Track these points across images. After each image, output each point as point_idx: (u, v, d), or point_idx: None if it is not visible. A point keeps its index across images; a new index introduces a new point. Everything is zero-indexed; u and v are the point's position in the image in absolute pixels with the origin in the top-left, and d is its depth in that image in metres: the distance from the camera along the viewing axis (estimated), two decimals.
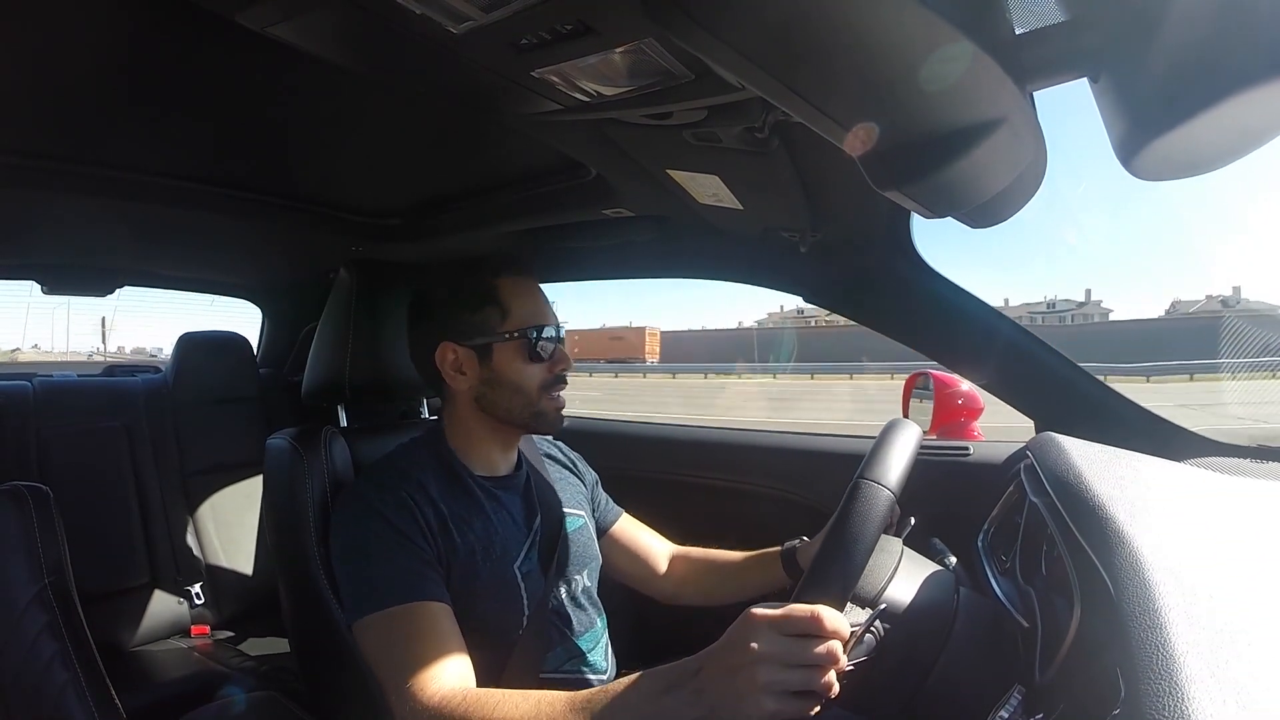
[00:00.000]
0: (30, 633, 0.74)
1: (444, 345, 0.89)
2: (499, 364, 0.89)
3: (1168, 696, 0.37)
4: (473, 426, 0.92)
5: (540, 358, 0.89)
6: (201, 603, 1.63)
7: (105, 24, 0.68)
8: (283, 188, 1.20)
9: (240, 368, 1.87)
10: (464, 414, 0.92)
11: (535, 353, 0.89)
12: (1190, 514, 0.66)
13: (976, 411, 1.31)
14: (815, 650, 0.54)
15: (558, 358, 0.91)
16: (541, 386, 0.89)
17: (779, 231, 1.13)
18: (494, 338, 0.88)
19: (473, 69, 0.64)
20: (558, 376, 0.91)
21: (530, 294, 0.92)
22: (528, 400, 0.89)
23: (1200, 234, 47.97)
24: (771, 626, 0.54)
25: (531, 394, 0.89)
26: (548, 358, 0.90)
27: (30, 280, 1.77)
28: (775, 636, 0.54)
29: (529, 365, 0.89)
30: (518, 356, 0.88)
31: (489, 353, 0.88)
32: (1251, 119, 0.43)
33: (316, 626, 0.88)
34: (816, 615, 0.54)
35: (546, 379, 0.90)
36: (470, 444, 0.92)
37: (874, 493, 0.66)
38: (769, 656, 0.53)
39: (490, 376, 0.89)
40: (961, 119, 0.48)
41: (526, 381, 0.89)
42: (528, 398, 0.89)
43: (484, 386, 0.89)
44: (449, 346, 0.89)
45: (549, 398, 0.90)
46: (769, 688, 0.53)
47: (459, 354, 0.89)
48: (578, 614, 0.93)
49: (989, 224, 0.65)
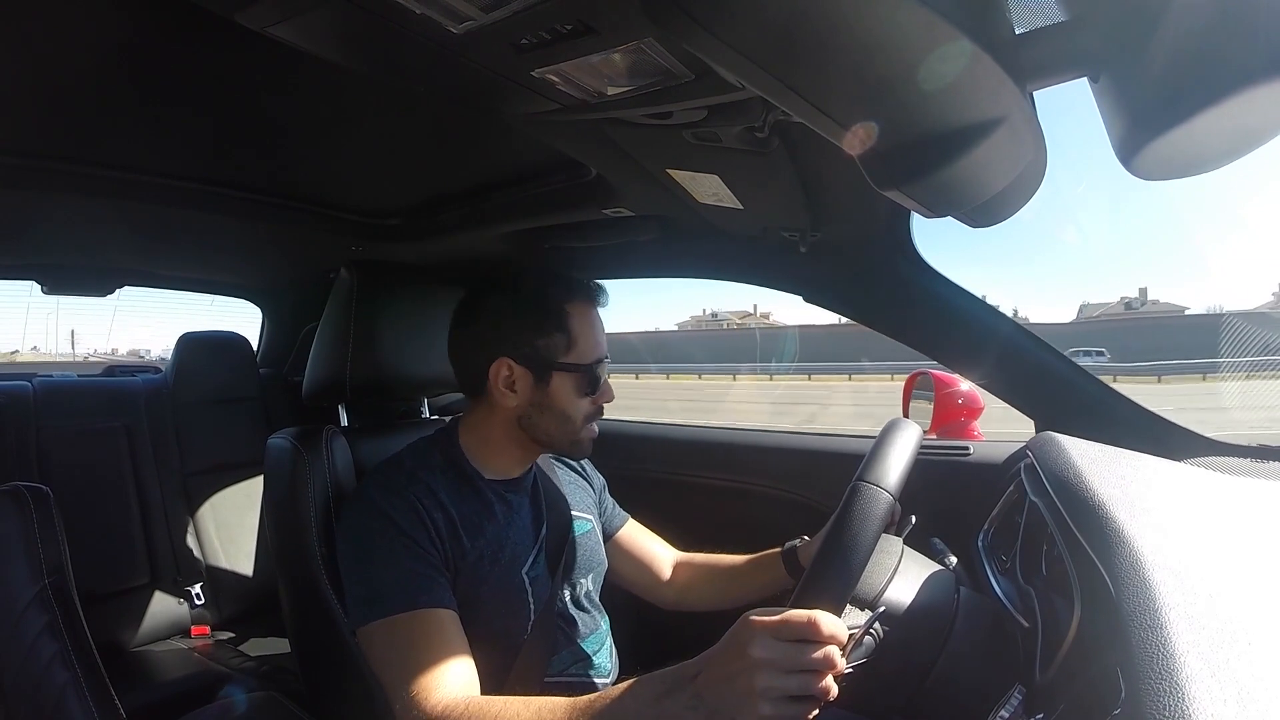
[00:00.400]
0: (30, 633, 0.74)
1: (501, 360, 0.87)
2: (555, 391, 0.87)
3: (1168, 696, 0.37)
4: (500, 437, 0.91)
5: (594, 392, 0.89)
6: (201, 603, 1.63)
7: (105, 24, 0.68)
8: (283, 188, 1.20)
9: (240, 368, 1.87)
10: (497, 425, 0.90)
11: (593, 387, 0.88)
12: (1190, 514, 0.66)
13: (976, 411, 1.31)
14: (812, 655, 0.54)
15: (604, 390, 0.91)
16: (586, 418, 0.89)
17: (779, 231, 1.13)
18: (556, 367, 0.87)
19: (473, 69, 0.64)
20: (599, 408, 0.91)
21: (594, 325, 0.90)
22: (572, 430, 0.89)
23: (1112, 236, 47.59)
24: (769, 631, 0.54)
25: (577, 424, 0.89)
26: (599, 391, 0.90)
27: (30, 280, 1.78)
28: (773, 642, 0.54)
29: (582, 399, 0.88)
30: (575, 389, 0.87)
31: (547, 378, 0.87)
32: (1252, 118, 0.43)
33: (317, 627, 0.88)
34: (814, 620, 0.54)
35: (591, 411, 0.90)
36: (489, 450, 0.91)
37: (872, 495, 0.66)
38: (766, 662, 0.53)
39: (542, 401, 0.87)
40: (961, 119, 0.48)
41: (576, 413, 0.88)
42: (572, 427, 0.89)
43: (532, 409, 0.88)
44: (506, 362, 0.87)
45: (589, 428, 0.90)
46: (766, 693, 0.53)
47: (514, 372, 0.87)
48: (582, 617, 0.93)
49: (989, 223, 0.65)
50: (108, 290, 1.88)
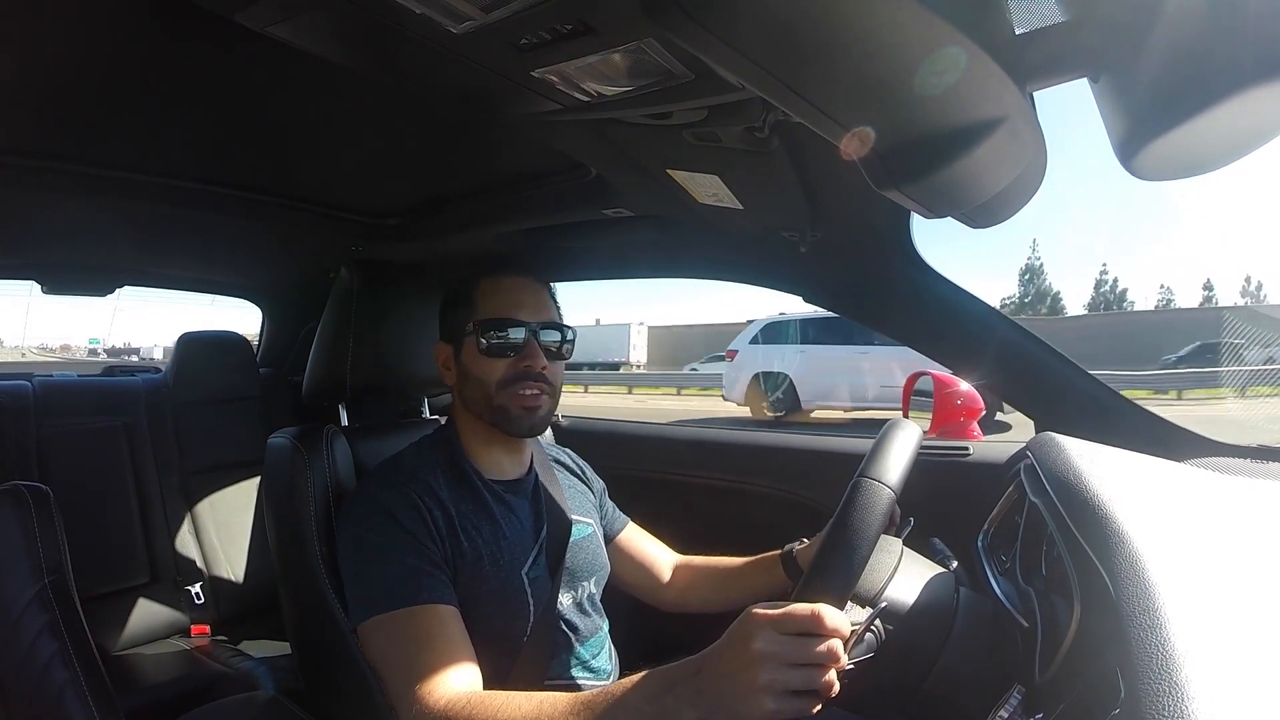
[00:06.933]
0: (30, 632, 0.74)
1: (439, 344, 0.96)
2: (465, 359, 0.92)
3: (1168, 696, 0.37)
4: (472, 425, 0.93)
5: (497, 354, 0.88)
6: (201, 603, 1.63)
7: (105, 24, 0.68)
8: (283, 188, 1.20)
9: (240, 367, 1.87)
10: (460, 412, 0.95)
11: (491, 348, 0.88)
12: (1190, 514, 0.66)
13: (976, 411, 1.31)
14: (816, 649, 0.54)
15: (525, 354, 0.89)
16: (500, 383, 0.88)
17: (779, 231, 1.13)
18: (464, 334, 0.91)
19: (473, 69, 0.64)
20: (519, 373, 0.88)
21: (502, 291, 0.91)
22: (487, 393, 0.89)
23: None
24: (772, 625, 0.54)
25: (489, 388, 0.88)
26: (511, 354, 0.89)
27: (30, 280, 1.77)
28: (775, 635, 0.54)
29: (487, 360, 0.89)
30: (480, 350, 0.89)
31: (460, 347, 0.92)
32: (1252, 119, 0.43)
33: (317, 626, 0.87)
34: (817, 614, 0.54)
35: (506, 375, 0.88)
36: (477, 445, 0.93)
37: (875, 490, 0.66)
38: (769, 655, 0.53)
39: (463, 371, 0.92)
40: (961, 119, 0.48)
41: (485, 376, 0.89)
42: (487, 391, 0.89)
43: (461, 381, 0.93)
44: (440, 345, 0.96)
45: (510, 394, 0.88)
46: (769, 687, 0.52)
47: (445, 352, 0.95)
48: (583, 620, 0.93)
49: (989, 224, 0.65)
50: (108, 290, 1.87)
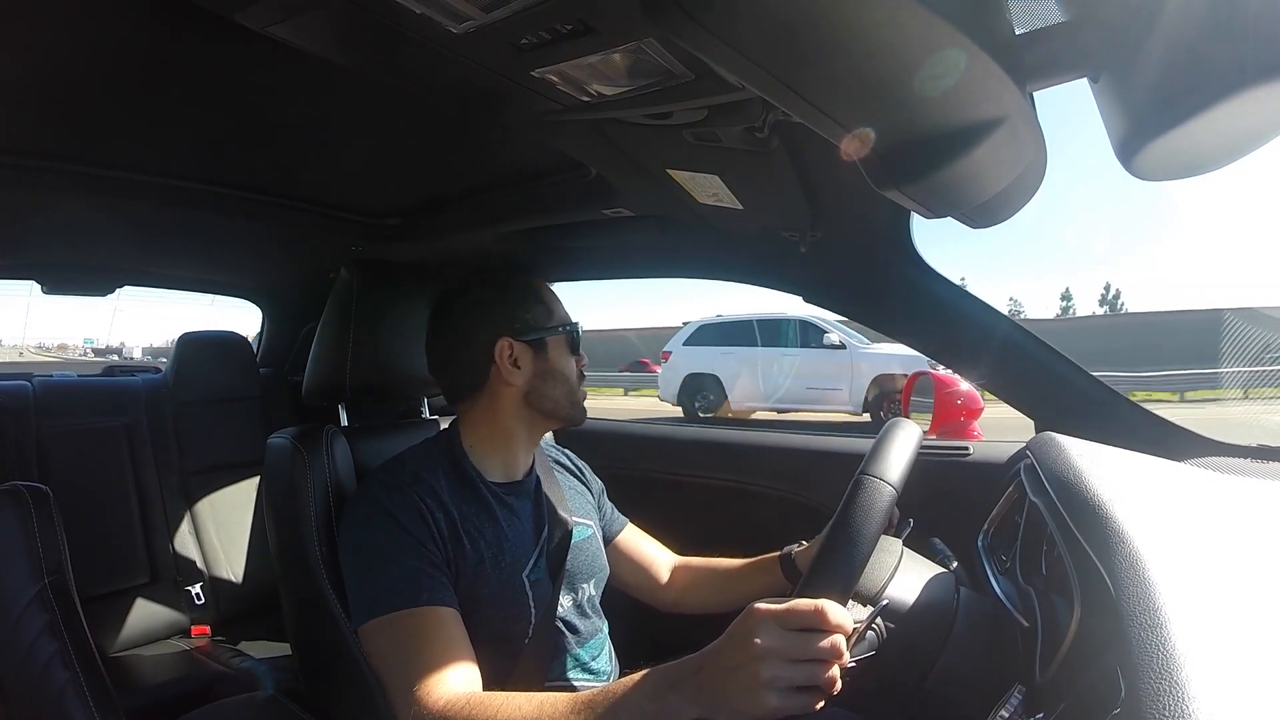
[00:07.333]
0: (30, 632, 0.74)
1: (503, 341, 0.91)
2: (553, 357, 0.94)
3: (1168, 696, 0.37)
4: (505, 426, 0.93)
5: (575, 351, 0.96)
6: (201, 603, 1.63)
7: (105, 24, 0.67)
8: (283, 188, 1.20)
9: (240, 368, 1.87)
10: (503, 410, 0.92)
11: (574, 346, 0.96)
12: (1190, 514, 0.66)
13: (976, 411, 1.31)
14: (819, 645, 0.53)
15: (582, 352, 0.98)
16: (579, 378, 0.96)
17: (779, 231, 1.13)
18: (547, 332, 0.93)
19: (473, 69, 0.64)
20: (582, 370, 0.97)
21: (552, 292, 0.99)
22: (572, 390, 0.95)
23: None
24: (775, 621, 0.54)
25: (574, 384, 0.95)
26: (579, 351, 0.97)
27: (30, 280, 1.77)
28: (778, 631, 0.54)
29: (571, 358, 0.96)
30: (565, 350, 0.95)
31: (544, 347, 0.93)
32: (1252, 119, 0.43)
33: (317, 626, 0.87)
34: (820, 609, 0.54)
35: (579, 371, 0.97)
36: (492, 447, 0.93)
37: (876, 488, 0.66)
38: (772, 652, 0.53)
39: (544, 369, 0.93)
40: (961, 119, 0.48)
41: (572, 373, 0.95)
42: (572, 387, 0.95)
43: (537, 380, 0.93)
44: (507, 342, 0.91)
45: (583, 390, 0.97)
46: (772, 683, 0.52)
47: (515, 349, 0.92)
48: (583, 623, 0.93)
49: (988, 224, 0.65)
50: (108, 290, 1.87)
